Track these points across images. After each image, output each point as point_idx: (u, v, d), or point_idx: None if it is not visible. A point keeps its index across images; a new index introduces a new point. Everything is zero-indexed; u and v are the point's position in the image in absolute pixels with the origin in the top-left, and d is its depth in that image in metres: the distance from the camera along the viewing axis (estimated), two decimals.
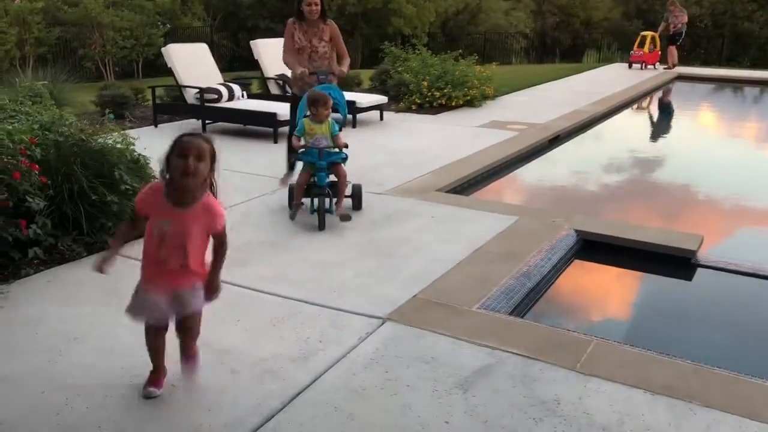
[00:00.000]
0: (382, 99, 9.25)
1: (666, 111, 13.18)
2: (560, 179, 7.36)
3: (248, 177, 6.33)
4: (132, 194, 4.37)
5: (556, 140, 8.77)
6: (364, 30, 28.57)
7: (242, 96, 8.63)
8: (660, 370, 3.04)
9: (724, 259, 4.65)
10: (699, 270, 4.60)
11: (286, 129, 8.09)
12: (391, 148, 7.68)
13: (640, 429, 2.64)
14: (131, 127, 8.26)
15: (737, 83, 16.33)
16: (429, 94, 10.26)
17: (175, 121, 8.97)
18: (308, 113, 5.06)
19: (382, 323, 3.45)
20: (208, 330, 3.30)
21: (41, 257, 4.08)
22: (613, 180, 7.53)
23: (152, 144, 4.34)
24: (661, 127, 11.57)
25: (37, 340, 3.25)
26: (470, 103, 10.55)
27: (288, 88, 9.08)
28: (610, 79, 15.04)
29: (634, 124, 11.64)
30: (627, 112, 11.70)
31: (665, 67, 17.38)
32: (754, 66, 29.55)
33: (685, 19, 17.23)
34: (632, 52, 17.54)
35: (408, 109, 10.21)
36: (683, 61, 31.59)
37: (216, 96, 8.21)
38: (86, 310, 3.57)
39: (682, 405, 2.78)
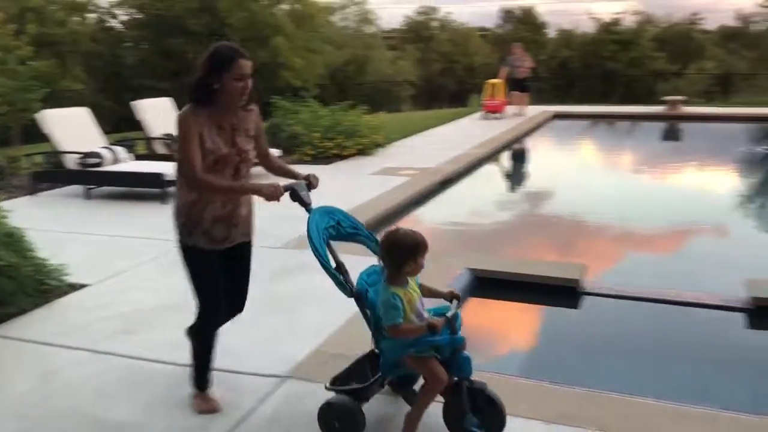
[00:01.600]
0: (275, 152, 9.24)
1: (546, 148, 13.92)
2: (452, 220, 7.58)
3: (136, 242, 6.12)
4: (7, 268, 4.13)
5: (446, 183, 9.05)
6: (256, 83, 28.61)
7: (127, 158, 8.38)
8: (553, 399, 3.15)
9: (606, 285, 4.91)
10: (584, 297, 4.83)
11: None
12: (286, 200, 7.64)
13: None
14: (4, 198, 7.81)
15: (609, 118, 17.52)
16: (321, 144, 10.36)
17: (56, 188, 8.57)
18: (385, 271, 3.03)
19: (283, 382, 3.39)
20: (99, 407, 3.14)
21: None
22: (503, 217, 7.84)
23: (29, 215, 4.15)
24: (542, 163, 12.19)
25: None
26: (362, 151, 10.74)
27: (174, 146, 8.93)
28: (494, 122, 15.76)
29: (518, 163, 12.22)
30: (510, 153, 12.28)
31: (514, 113, 16.15)
32: (623, 102, 31.92)
33: (531, 63, 16.51)
34: (482, 102, 16.49)
35: (300, 161, 10.25)
36: (560, 99, 33.65)
37: (98, 160, 7.94)
38: None
39: None
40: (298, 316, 4.27)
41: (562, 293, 4.84)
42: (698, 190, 9.38)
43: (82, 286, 4.94)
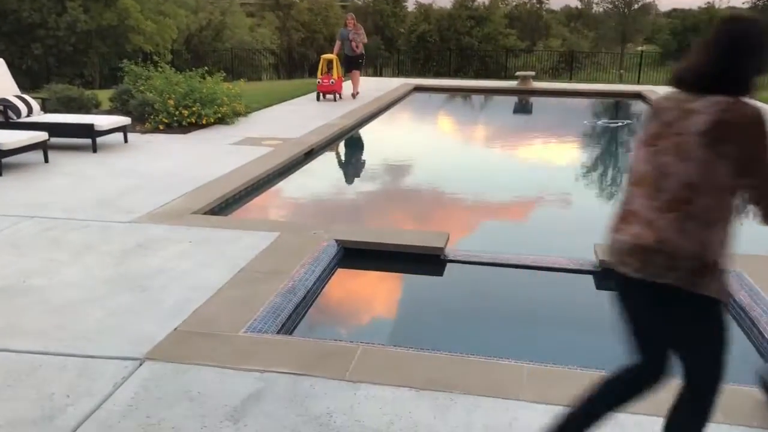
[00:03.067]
0: (125, 120, 8.65)
1: (408, 120, 14.14)
2: (318, 192, 7.49)
3: None
4: None
5: (310, 153, 8.92)
6: (100, 48, 26.65)
7: None
8: (421, 366, 3.19)
9: (468, 253, 5.06)
10: (448, 265, 4.95)
11: (14, 159, 7.22)
12: (139, 171, 7.20)
13: (408, 427, 2.73)
14: None
15: (466, 92, 18.10)
16: (177, 113, 9.84)
17: None
18: None
19: (140, 364, 3.17)
20: None
21: None
22: (368, 188, 7.86)
23: None
24: (405, 135, 12.37)
25: None
26: (222, 120, 10.32)
27: (11, 114, 8.12)
28: (329, 105, 15.74)
29: (382, 135, 12.29)
30: (374, 123, 12.33)
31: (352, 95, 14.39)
32: (477, 76, 33.20)
33: (365, 38, 14.18)
34: (318, 80, 13.91)
35: (155, 130, 9.68)
36: (419, 72, 34.27)
37: None
38: None
39: (443, 396, 2.94)
40: (156, 294, 4.02)
41: (427, 261, 4.92)
42: (548, 161, 9.91)
43: None
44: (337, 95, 14.01)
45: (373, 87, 16.95)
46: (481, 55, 39.19)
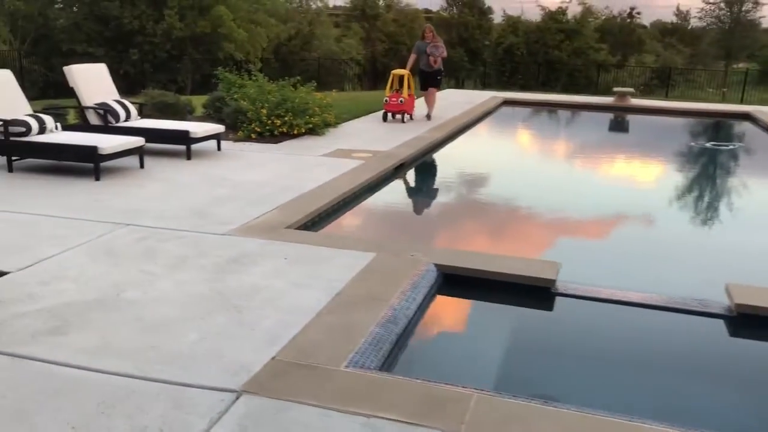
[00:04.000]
0: (218, 128, 8.64)
1: (501, 135, 13.70)
2: (411, 208, 7.22)
3: (65, 222, 5.48)
4: None
5: (401, 167, 8.65)
6: (193, 55, 27.42)
7: (56, 128, 7.62)
8: (545, 424, 2.81)
9: (583, 287, 4.63)
10: (559, 298, 4.53)
11: (111, 164, 7.28)
12: (233, 181, 7.11)
13: None
14: None
15: (558, 107, 17.44)
16: (269, 122, 9.78)
17: None
18: None
19: (237, 398, 2.93)
20: (18, 428, 2.62)
21: None
22: (462, 207, 7.50)
23: None
24: (498, 150, 11.94)
25: None
26: (312, 131, 10.21)
27: (110, 118, 8.22)
28: (447, 103, 15.43)
29: (474, 149, 11.91)
30: (465, 138, 11.97)
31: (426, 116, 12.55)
32: (565, 91, 32.30)
33: (444, 52, 12.28)
34: (386, 98, 12.07)
35: (247, 138, 9.66)
36: (503, 85, 33.65)
37: (23, 129, 7.17)
38: None
39: None
40: (251, 317, 3.80)
41: (535, 293, 4.53)
42: (659, 184, 9.25)
43: (1, 274, 4.33)
44: (407, 116, 12.17)
45: (461, 100, 16.61)
46: (570, 69, 38.17)
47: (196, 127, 8.25)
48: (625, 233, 6.56)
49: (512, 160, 10.73)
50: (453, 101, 16.17)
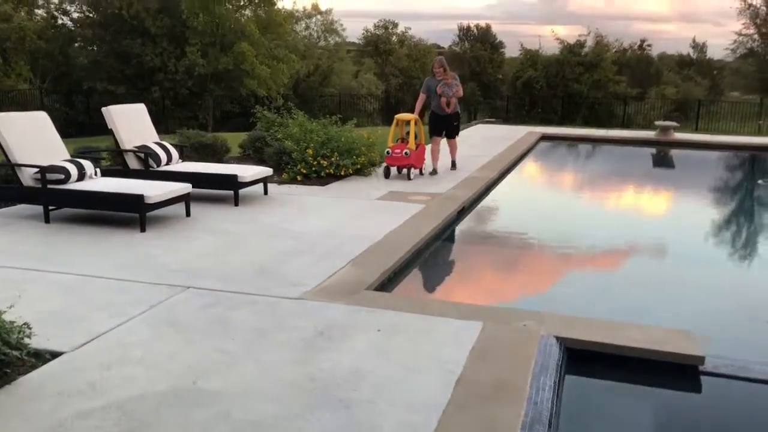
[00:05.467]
0: (266, 171, 8.04)
1: (557, 173, 13.01)
2: (491, 258, 6.53)
3: (116, 285, 4.84)
4: None
5: (462, 211, 8.00)
6: (214, 92, 27.10)
7: (95, 173, 7.04)
8: None
9: (732, 363, 3.92)
10: (706, 378, 3.82)
11: (158, 213, 6.68)
12: (290, 230, 6.48)
13: None
14: None
15: (597, 142, 16.78)
16: (315, 163, 9.19)
17: (6, 206, 7.19)
18: None
19: None
20: None
21: None
22: (549, 256, 6.80)
23: None
24: (563, 190, 11.26)
25: None
26: (359, 171, 9.61)
27: (151, 162, 7.65)
28: (480, 139, 14.86)
29: (532, 188, 11.27)
30: (515, 176, 11.34)
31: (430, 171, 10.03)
32: (586, 124, 31.77)
33: (460, 90, 9.86)
34: (387, 151, 9.45)
35: (293, 180, 9.06)
36: (523, 119, 33.18)
37: (62, 176, 6.59)
38: None
39: None
40: (364, 416, 3.11)
41: (677, 372, 3.82)
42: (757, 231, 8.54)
43: (53, 354, 3.67)
44: (414, 171, 9.60)
45: (495, 135, 16.04)
46: (590, 103, 37.69)
47: (244, 171, 7.65)
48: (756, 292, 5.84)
49: (581, 202, 10.05)
50: (486, 136, 15.61)
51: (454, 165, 10.43)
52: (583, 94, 38.25)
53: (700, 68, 52.12)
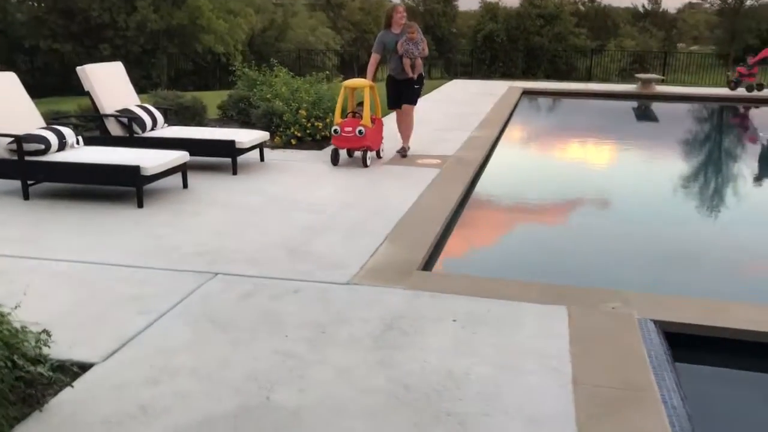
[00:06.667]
0: (264, 135, 7.34)
1: (550, 129, 12.54)
2: (531, 228, 6.04)
3: (130, 273, 4.18)
4: None
5: (477, 174, 7.49)
6: (168, 49, 25.68)
7: (77, 142, 6.24)
8: None
9: None
10: None
11: (154, 185, 5.97)
12: (306, 202, 5.87)
13: None
14: None
15: (579, 96, 16.37)
16: (309, 125, 8.50)
17: None
18: None
19: None
20: None
21: None
22: (590, 221, 6.34)
23: None
24: (569, 148, 10.82)
25: None
26: None
27: (136, 128, 6.88)
28: (465, 95, 14.31)
29: (534, 147, 10.80)
30: (515, 133, 10.87)
31: (399, 152, 7.89)
32: (547, 77, 31.51)
33: (427, 50, 7.65)
34: (335, 128, 7.18)
35: (287, 145, 8.37)
36: (485, 74, 32.60)
37: (42, 146, 5.79)
38: None
39: None
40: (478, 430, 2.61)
41: None
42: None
43: (82, 367, 3.04)
44: (370, 153, 7.31)
45: (476, 91, 15.52)
46: (551, 56, 37.37)
47: (243, 136, 6.94)
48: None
49: (597, 158, 9.65)
50: (470, 92, 15.06)
51: (404, 152, 7.73)
52: (544, 47, 37.91)
53: (655, 20, 52.25)
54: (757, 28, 38.26)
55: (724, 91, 15.77)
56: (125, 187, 5.80)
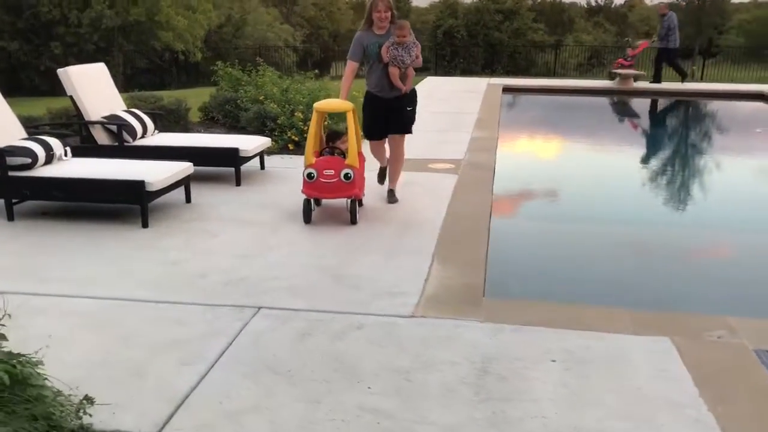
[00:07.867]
0: (266, 141, 6.77)
1: (552, 125, 12.19)
2: (576, 238, 5.62)
3: (157, 311, 3.60)
4: None
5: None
6: (124, 46, 24.56)
7: (65, 154, 5.56)
8: None
9: None
10: None
11: (157, 201, 5.34)
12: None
13: None
14: None
15: (558, 92, 16.10)
16: (306, 128, 7.92)
17: None
18: None
19: None
20: None
21: None
22: (623, 231, 5.98)
23: None
24: (575, 145, 10.47)
25: None
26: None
27: (126, 136, 6.23)
28: (447, 94, 13.91)
29: (541, 146, 10.45)
30: (514, 134, 10.51)
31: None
32: (507, 73, 31.42)
33: (421, 59, 5.63)
34: (310, 172, 5.16)
35: (283, 150, 7.79)
36: (446, 70, 32.32)
37: (29, 160, 5.11)
38: None
39: None
40: None
41: None
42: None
43: None
44: (354, 202, 5.19)
45: (454, 88, 15.13)
46: (510, 51, 37.39)
47: (247, 143, 6.35)
48: None
49: (609, 156, 9.35)
50: (450, 91, 14.65)
51: (393, 197, 5.77)
52: (504, 43, 37.90)
53: (608, 15, 52.96)
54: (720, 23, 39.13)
55: (701, 85, 15.73)
56: (127, 204, 5.17)
